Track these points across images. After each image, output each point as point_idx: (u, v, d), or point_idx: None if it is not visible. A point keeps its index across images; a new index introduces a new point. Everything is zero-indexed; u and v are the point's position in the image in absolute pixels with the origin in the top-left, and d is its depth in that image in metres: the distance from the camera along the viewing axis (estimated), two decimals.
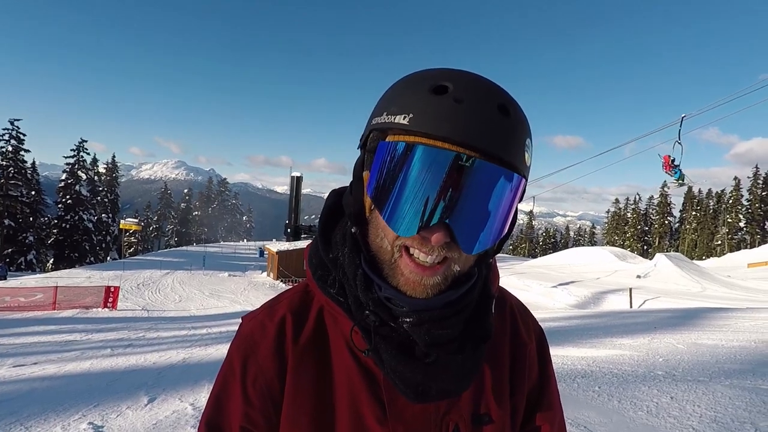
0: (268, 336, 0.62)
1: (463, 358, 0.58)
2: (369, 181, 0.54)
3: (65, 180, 48.86)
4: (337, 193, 0.67)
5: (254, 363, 0.62)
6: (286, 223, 38.52)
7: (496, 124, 0.50)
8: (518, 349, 0.72)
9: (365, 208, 0.58)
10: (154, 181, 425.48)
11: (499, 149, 0.50)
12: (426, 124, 0.50)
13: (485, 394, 0.65)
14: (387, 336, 0.57)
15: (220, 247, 55.14)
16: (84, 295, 16.81)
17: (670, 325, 8.31)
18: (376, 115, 0.56)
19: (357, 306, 0.58)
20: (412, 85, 0.54)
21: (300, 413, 0.60)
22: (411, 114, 0.51)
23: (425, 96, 0.52)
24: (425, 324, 0.55)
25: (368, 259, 0.57)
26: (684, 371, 4.59)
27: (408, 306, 0.55)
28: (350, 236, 0.60)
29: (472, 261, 0.57)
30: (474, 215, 0.51)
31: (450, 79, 0.52)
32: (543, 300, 18.65)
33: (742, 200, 62.13)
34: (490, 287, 0.64)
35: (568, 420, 3.34)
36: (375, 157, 0.53)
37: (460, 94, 0.51)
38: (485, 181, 0.50)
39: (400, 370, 0.56)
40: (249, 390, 0.61)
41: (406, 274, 0.54)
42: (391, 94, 0.56)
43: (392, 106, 0.54)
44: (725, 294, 19.21)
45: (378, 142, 0.54)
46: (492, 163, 0.50)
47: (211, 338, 9.34)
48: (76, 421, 4.00)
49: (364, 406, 0.59)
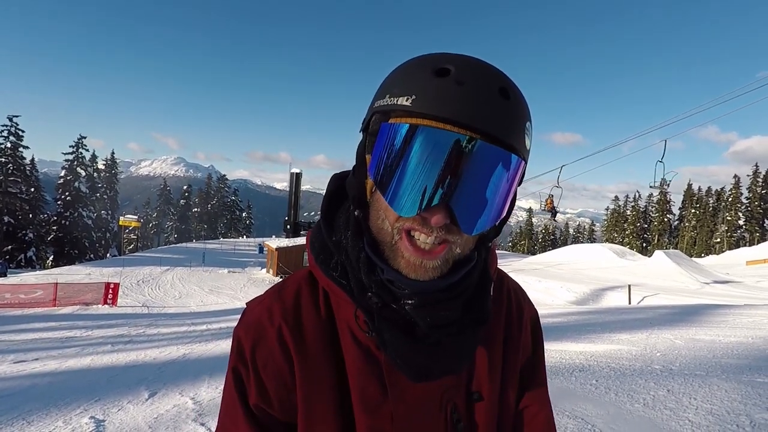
0: (275, 322, 0.63)
1: (462, 339, 0.60)
2: (371, 163, 0.55)
3: (64, 177, 48.78)
4: (338, 177, 0.68)
5: (264, 348, 0.62)
6: (286, 220, 38.47)
7: (497, 107, 0.51)
8: (512, 330, 0.74)
9: (366, 191, 0.59)
10: (153, 178, 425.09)
11: (499, 132, 0.51)
12: (428, 105, 0.50)
13: (478, 373, 0.67)
14: (389, 318, 0.58)
15: (219, 244, 55.00)
16: (84, 292, 16.83)
17: (668, 321, 8.34)
18: (379, 98, 0.56)
19: (360, 288, 0.59)
20: (414, 68, 0.55)
21: (316, 396, 0.61)
22: (413, 96, 0.51)
23: (428, 78, 0.52)
24: (427, 306, 0.56)
25: (370, 242, 0.58)
26: (681, 366, 4.62)
27: (409, 288, 0.56)
28: (353, 219, 0.60)
29: (472, 244, 0.58)
30: (475, 196, 0.51)
31: (452, 62, 0.53)
32: (542, 297, 18.66)
33: (741, 198, 62.21)
34: (489, 270, 0.65)
35: (566, 412, 3.37)
36: (377, 139, 0.54)
37: (462, 76, 0.51)
38: (486, 163, 0.50)
39: (402, 350, 0.57)
40: (261, 375, 0.62)
41: (407, 257, 0.54)
42: (393, 77, 0.56)
43: (394, 88, 0.54)
44: (724, 291, 19.24)
45: (380, 125, 0.54)
46: (493, 145, 0.50)
47: (211, 334, 9.36)
48: (77, 416, 4.03)
49: (368, 387, 0.61)
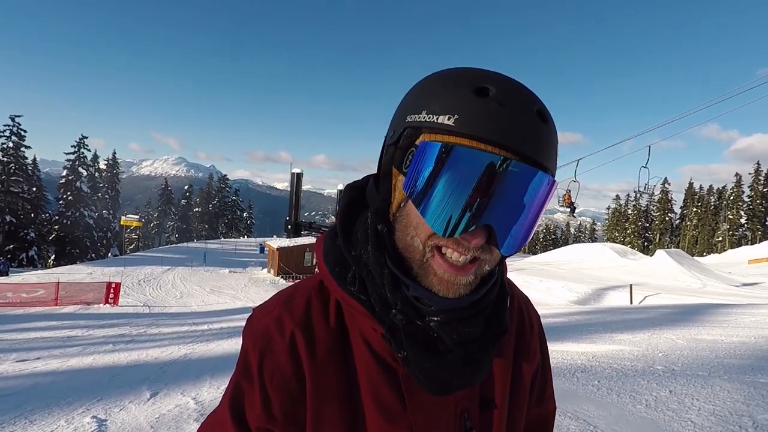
0: (285, 334, 0.61)
1: (483, 354, 0.60)
2: (407, 179, 0.52)
3: (66, 176, 48.90)
4: (353, 187, 0.66)
5: (271, 360, 0.60)
6: (287, 220, 38.37)
7: (538, 130, 0.51)
8: (522, 337, 0.74)
9: (393, 206, 0.57)
10: (154, 178, 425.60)
11: (540, 154, 0.51)
12: (473, 126, 0.50)
13: (491, 381, 0.67)
14: (412, 334, 0.58)
15: (220, 244, 55.07)
16: (85, 291, 16.88)
17: (670, 321, 8.32)
18: (413, 112, 0.54)
19: (382, 304, 0.57)
20: (451, 85, 0.53)
21: (327, 409, 0.59)
22: (456, 115, 0.50)
23: (469, 97, 0.51)
24: (452, 323, 0.56)
25: (393, 258, 0.57)
26: (683, 366, 4.61)
27: (437, 305, 0.55)
28: (374, 233, 0.58)
29: (497, 260, 0.57)
30: (515, 217, 0.51)
31: (491, 82, 0.52)
32: (543, 296, 18.66)
33: (743, 197, 62.09)
34: (505, 283, 0.66)
35: (568, 413, 3.36)
36: (417, 156, 0.52)
37: (503, 97, 0.51)
38: (528, 185, 0.50)
39: (425, 366, 0.57)
40: (267, 387, 0.60)
41: (440, 274, 0.54)
42: (428, 91, 0.54)
43: (432, 104, 0.52)
44: (726, 290, 19.23)
45: (414, 140, 0.53)
46: (534, 168, 0.50)
47: (212, 334, 9.38)
48: (79, 415, 4.04)
49: (386, 400, 0.60)
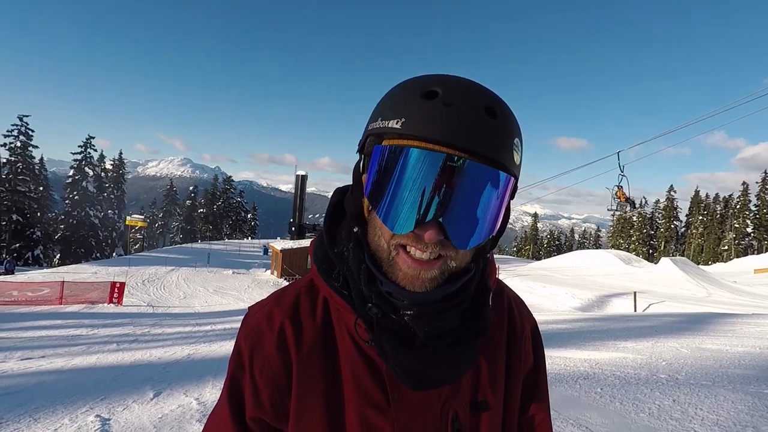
0: (274, 328, 0.65)
1: (460, 349, 0.61)
2: (366, 184, 0.57)
3: (72, 176, 49.18)
4: (341, 191, 0.70)
5: (261, 354, 0.64)
6: (291, 222, 38.60)
7: (484, 126, 0.53)
8: (514, 339, 0.75)
9: (364, 209, 0.61)
10: (159, 178, 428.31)
11: (486, 150, 0.53)
12: (417, 127, 0.53)
13: (482, 382, 0.69)
14: (388, 328, 0.60)
15: (224, 245, 55.15)
16: (90, 291, 16.96)
17: (674, 329, 8.26)
18: (372, 120, 0.59)
19: (360, 299, 0.61)
20: (404, 92, 0.57)
21: (310, 402, 0.63)
22: (403, 118, 0.54)
23: (416, 101, 0.54)
24: (425, 316, 0.58)
25: (370, 256, 0.60)
26: (687, 375, 4.59)
27: (408, 299, 0.58)
28: (354, 235, 0.62)
29: (469, 257, 0.59)
30: (465, 213, 0.53)
31: (439, 84, 0.55)
32: (546, 302, 18.59)
33: (750, 205, 61.51)
34: (487, 280, 0.67)
35: (570, 420, 3.35)
36: (371, 161, 0.56)
37: (449, 98, 0.53)
38: (474, 181, 0.52)
39: (401, 360, 0.59)
40: (257, 379, 0.64)
41: (404, 270, 0.56)
42: (385, 101, 0.59)
43: (386, 111, 0.57)
44: (731, 299, 19.05)
45: (373, 146, 0.57)
46: (480, 164, 0.52)
47: (215, 335, 9.40)
48: (83, 414, 4.06)
49: (369, 394, 0.62)
